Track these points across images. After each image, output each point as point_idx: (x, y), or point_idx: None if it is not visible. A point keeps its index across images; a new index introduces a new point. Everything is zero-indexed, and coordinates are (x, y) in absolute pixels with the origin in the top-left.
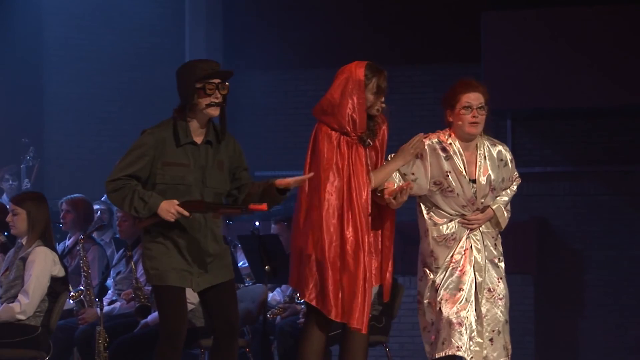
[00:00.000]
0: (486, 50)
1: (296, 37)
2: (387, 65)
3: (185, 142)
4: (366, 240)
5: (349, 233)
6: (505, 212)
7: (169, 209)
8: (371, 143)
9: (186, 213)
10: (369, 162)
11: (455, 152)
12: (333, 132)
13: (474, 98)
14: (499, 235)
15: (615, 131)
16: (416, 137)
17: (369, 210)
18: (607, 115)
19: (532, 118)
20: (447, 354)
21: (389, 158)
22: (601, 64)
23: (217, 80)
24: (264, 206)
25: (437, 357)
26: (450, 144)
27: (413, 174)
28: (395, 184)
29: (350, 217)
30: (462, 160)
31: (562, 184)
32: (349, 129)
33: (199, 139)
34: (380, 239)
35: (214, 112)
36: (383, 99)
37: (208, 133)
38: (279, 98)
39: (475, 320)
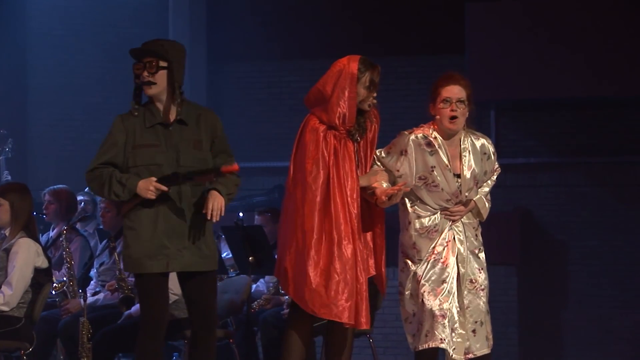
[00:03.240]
0: (470, 41)
1: (280, 29)
2: (370, 56)
3: (154, 123)
4: (350, 235)
5: (338, 233)
6: (486, 203)
7: (148, 186)
8: (359, 139)
9: (164, 188)
10: (361, 156)
11: (440, 146)
12: (320, 126)
13: (453, 91)
14: (479, 226)
15: (599, 123)
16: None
17: (357, 205)
18: (591, 107)
19: (515, 109)
20: (430, 346)
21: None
22: (585, 56)
23: (147, 59)
24: (235, 166)
25: (420, 349)
26: (435, 137)
27: (398, 170)
28: (385, 184)
29: (333, 211)
30: (447, 155)
31: (545, 175)
32: (337, 122)
33: (169, 119)
34: (371, 236)
35: (147, 91)
36: (375, 94)
37: (180, 112)
38: (262, 89)
39: (458, 312)
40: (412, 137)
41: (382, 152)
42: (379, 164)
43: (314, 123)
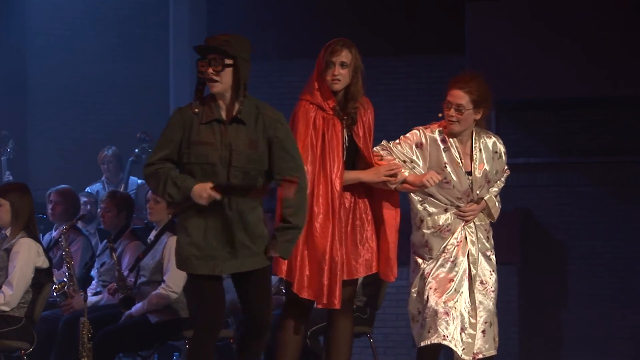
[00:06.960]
0: (470, 40)
1: (280, 28)
2: (371, 55)
3: (211, 119)
4: (329, 212)
5: (317, 208)
6: (496, 202)
7: (202, 193)
8: (345, 122)
9: (217, 196)
10: (356, 142)
11: (452, 144)
12: (311, 107)
13: (454, 96)
14: (491, 228)
15: (600, 122)
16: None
17: (340, 184)
18: (592, 107)
19: (516, 109)
20: (432, 342)
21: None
22: (586, 56)
23: (211, 56)
24: (294, 178)
25: (422, 345)
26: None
27: (412, 161)
28: (406, 172)
29: (320, 191)
30: (458, 152)
31: (546, 175)
32: (320, 100)
33: (227, 116)
34: (381, 230)
35: (212, 88)
36: (336, 73)
37: (241, 110)
38: (263, 89)
39: (468, 313)
40: (428, 132)
41: (392, 143)
42: (388, 151)
43: (304, 104)
